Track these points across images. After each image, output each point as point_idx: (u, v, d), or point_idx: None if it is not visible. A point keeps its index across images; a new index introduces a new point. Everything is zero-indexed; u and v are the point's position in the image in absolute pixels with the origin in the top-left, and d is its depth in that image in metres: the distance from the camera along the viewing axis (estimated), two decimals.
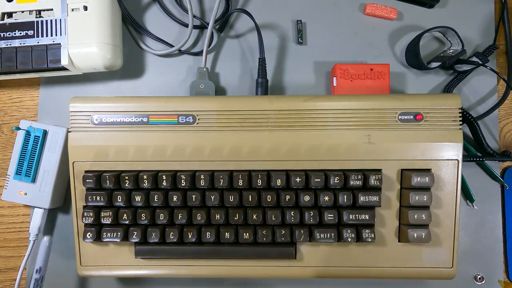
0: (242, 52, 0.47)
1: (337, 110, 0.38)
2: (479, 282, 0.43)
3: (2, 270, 0.46)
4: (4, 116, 0.47)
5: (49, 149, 0.43)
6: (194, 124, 0.39)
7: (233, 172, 0.38)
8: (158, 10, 0.48)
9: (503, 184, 0.44)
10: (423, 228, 0.37)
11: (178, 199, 0.38)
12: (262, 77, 0.44)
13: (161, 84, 0.47)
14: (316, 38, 0.47)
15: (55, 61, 0.41)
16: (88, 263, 0.40)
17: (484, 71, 0.45)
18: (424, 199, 0.37)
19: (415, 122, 0.38)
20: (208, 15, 0.47)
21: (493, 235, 0.44)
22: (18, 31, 0.42)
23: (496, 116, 0.45)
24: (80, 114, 0.39)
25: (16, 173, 0.42)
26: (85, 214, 0.38)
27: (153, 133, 0.39)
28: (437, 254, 0.39)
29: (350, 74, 0.43)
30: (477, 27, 0.46)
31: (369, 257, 0.39)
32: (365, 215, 0.37)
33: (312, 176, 0.37)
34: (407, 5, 0.47)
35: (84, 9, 0.42)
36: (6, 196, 0.43)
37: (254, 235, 0.38)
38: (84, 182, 0.38)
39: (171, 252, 0.39)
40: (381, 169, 0.38)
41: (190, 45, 0.47)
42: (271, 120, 0.39)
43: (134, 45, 0.47)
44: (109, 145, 0.39)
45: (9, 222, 0.46)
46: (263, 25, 0.47)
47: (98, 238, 0.39)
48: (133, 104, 0.39)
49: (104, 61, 0.42)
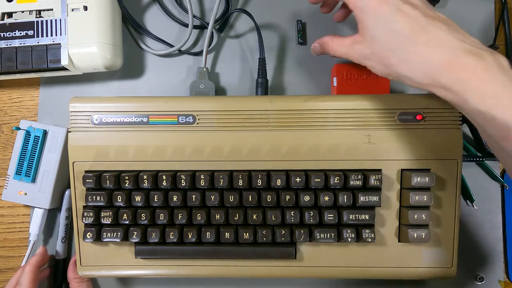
0: (242, 52, 0.47)
1: (337, 110, 0.38)
2: (479, 282, 0.43)
3: (2, 270, 0.46)
4: (4, 116, 0.47)
5: (49, 149, 0.43)
6: (194, 124, 0.39)
7: (233, 172, 0.38)
8: (158, 10, 0.48)
9: (503, 184, 0.44)
10: (423, 228, 0.37)
11: (178, 199, 0.38)
12: (262, 77, 0.44)
13: (161, 84, 0.47)
14: (316, 38, 0.47)
15: (55, 61, 0.41)
16: (88, 263, 0.40)
17: None
18: (424, 199, 0.37)
19: (415, 122, 0.38)
20: (208, 15, 0.47)
21: (493, 235, 0.44)
22: (18, 31, 0.42)
23: None
24: (80, 114, 0.39)
25: (16, 173, 0.42)
26: (85, 214, 0.38)
27: (153, 133, 0.39)
28: (437, 254, 0.39)
29: (350, 74, 0.43)
30: (477, 27, 0.46)
31: (369, 257, 0.39)
32: (365, 215, 0.37)
33: (312, 176, 0.37)
34: None
35: (84, 9, 0.42)
36: (6, 196, 0.43)
37: (254, 235, 0.38)
38: (84, 182, 0.38)
39: (171, 252, 0.39)
40: (381, 169, 0.38)
41: (190, 45, 0.47)
42: (271, 120, 0.39)
43: (134, 45, 0.47)
44: (109, 145, 0.39)
45: (9, 222, 0.46)
46: (263, 25, 0.47)
47: (98, 238, 0.39)
48: (133, 104, 0.39)
49: (104, 61, 0.42)
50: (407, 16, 0.29)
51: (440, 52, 0.28)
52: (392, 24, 0.30)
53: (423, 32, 0.29)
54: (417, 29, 0.29)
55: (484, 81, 0.26)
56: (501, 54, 0.45)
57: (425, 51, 0.29)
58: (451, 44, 0.28)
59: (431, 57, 0.28)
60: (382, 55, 0.31)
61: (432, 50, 0.28)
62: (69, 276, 0.42)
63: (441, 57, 0.28)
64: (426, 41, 0.29)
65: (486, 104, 0.26)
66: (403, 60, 0.30)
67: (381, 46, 0.31)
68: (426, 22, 0.29)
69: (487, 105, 0.26)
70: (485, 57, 0.27)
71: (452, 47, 0.28)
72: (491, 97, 0.26)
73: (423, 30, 0.29)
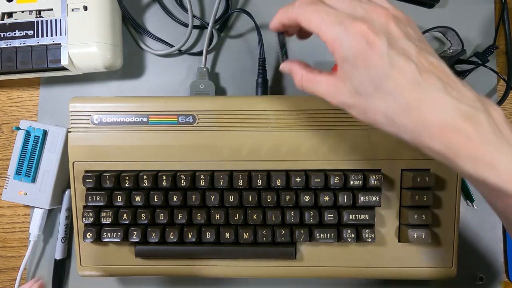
0: (242, 52, 0.47)
1: (337, 110, 0.38)
2: (479, 282, 0.43)
3: (2, 270, 0.46)
4: (4, 116, 0.47)
5: (49, 149, 0.43)
6: (194, 124, 0.39)
7: (233, 172, 0.38)
8: (158, 10, 0.48)
9: None
10: (423, 228, 0.37)
11: (178, 199, 0.38)
12: (262, 77, 0.44)
13: (161, 84, 0.47)
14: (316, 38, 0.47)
15: (55, 61, 0.41)
16: (88, 263, 0.40)
17: (484, 71, 0.45)
18: (424, 199, 0.37)
19: None
20: (208, 15, 0.47)
21: (493, 235, 0.44)
22: (18, 31, 0.42)
23: None
24: (80, 114, 0.39)
25: (16, 173, 0.42)
26: (85, 214, 0.38)
27: (153, 133, 0.39)
28: (437, 254, 0.39)
29: None
30: (477, 27, 0.46)
31: (369, 257, 0.39)
32: (365, 215, 0.37)
33: (312, 176, 0.37)
34: (407, 5, 0.47)
35: (84, 9, 0.42)
36: (6, 196, 0.43)
37: (254, 235, 0.38)
38: (84, 182, 0.38)
39: (171, 252, 0.39)
40: (381, 169, 0.38)
41: (190, 45, 0.47)
42: (271, 120, 0.39)
43: (134, 45, 0.47)
44: (109, 145, 0.39)
45: (9, 222, 0.46)
46: (263, 25, 0.47)
47: (98, 238, 0.39)
48: (133, 104, 0.39)
49: (104, 61, 0.42)
50: (401, 74, 0.25)
51: (433, 116, 0.25)
52: (383, 83, 0.25)
53: (417, 92, 0.25)
54: (410, 90, 0.25)
55: (478, 148, 0.24)
56: (501, 54, 0.46)
57: (417, 114, 0.25)
58: (445, 106, 0.25)
59: (423, 120, 0.25)
60: (367, 110, 0.27)
61: (424, 113, 0.25)
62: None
63: (434, 121, 0.25)
64: (418, 103, 0.25)
65: (479, 170, 0.24)
66: (391, 121, 0.26)
67: (367, 102, 0.27)
68: (420, 81, 0.25)
69: (480, 171, 0.24)
70: (480, 120, 0.24)
71: (446, 109, 0.25)
72: (484, 164, 0.24)
73: (417, 91, 0.25)
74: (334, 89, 0.29)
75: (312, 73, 0.31)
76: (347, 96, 0.28)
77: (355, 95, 0.27)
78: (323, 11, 0.27)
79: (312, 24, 0.28)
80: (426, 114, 0.25)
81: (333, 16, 0.27)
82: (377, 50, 0.25)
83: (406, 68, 0.25)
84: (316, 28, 0.28)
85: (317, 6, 0.28)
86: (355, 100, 0.27)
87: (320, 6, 0.28)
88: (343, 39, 0.26)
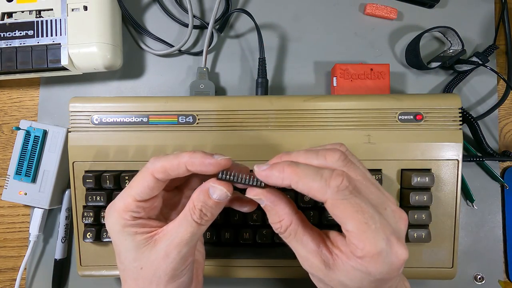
0: (242, 52, 0.47)
1: (337, 110, 0.38)
2: (479, 282, 0.43)
3: (2, 270, 0.46)
4: (4, 116, 0.47)
5: (49, 149, 0.43)
6: (194, 124, 0.39)
7: None
8: (158, 10, 0.48)
9: (503, 184, 0.44)
10: (423, 228, 0.37)
11: None
12: (262, 77, 0.44)
13: (161, 84, 0.47)
14: (316, 38, 0.47)
15: (55, 61, 0.41)
16: (88, 263, 0.40)
17: (484, 71, 0.45)
18: (424, 199, 0.37)
19: (415, 122, 0.38)
20: (208, 15, 0.47)
21: (493, 235, 0.44)
22: (18, 31, 0.42)
23: (496, 116, 0.45)
24: (80, 114, 0.39)
25: (16, 173, 0.42)
26: (85, 214, 0.38)
27: (153, 133, 0.39)
28: (437, 254, 0.39)
29: (350, 74, 0.43)
30: (477, 27, 0.46)
31: None
32: None
33: None
34: (407, 5, 0.47)
35: (84, 9, 0.42)
36: (6, 196, 0.43)
37: (254, 235, 0.38)
38: (84, 182, 0.38)
39: None
40: (381, 169, 0.38)
41: (190, 45, 0.47)
42: (271, 120, 0.39)
43: (134, 45, 0.47)
44: (109, 145, 0.39)
45: (9, 222, 0.46)
46: (263, 25, 0.47)
47: (98, 238, 0.39)
48: (133, 104, 0.39)
49: (104, 61, 0.42)
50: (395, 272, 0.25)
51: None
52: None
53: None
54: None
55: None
56: (501, 54, 0.46)
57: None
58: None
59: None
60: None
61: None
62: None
63: None
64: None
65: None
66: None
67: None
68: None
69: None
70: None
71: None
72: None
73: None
74: (318, 265, 0.28)
75: (304, 235, 0.30)
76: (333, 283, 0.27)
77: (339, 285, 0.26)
78: (370, 220, 0.26)
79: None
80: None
81: (385, 241, 0.25)
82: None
83: (401, 263, 0.26)
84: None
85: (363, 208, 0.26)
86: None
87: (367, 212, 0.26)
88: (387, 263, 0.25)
